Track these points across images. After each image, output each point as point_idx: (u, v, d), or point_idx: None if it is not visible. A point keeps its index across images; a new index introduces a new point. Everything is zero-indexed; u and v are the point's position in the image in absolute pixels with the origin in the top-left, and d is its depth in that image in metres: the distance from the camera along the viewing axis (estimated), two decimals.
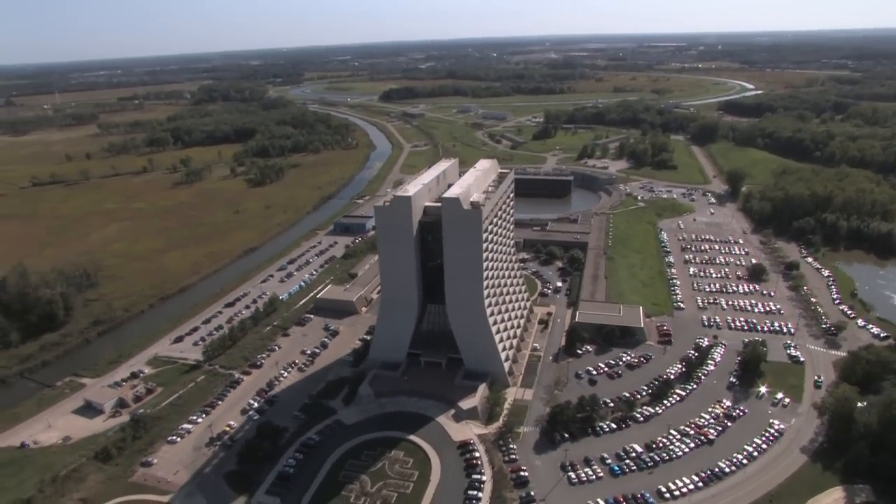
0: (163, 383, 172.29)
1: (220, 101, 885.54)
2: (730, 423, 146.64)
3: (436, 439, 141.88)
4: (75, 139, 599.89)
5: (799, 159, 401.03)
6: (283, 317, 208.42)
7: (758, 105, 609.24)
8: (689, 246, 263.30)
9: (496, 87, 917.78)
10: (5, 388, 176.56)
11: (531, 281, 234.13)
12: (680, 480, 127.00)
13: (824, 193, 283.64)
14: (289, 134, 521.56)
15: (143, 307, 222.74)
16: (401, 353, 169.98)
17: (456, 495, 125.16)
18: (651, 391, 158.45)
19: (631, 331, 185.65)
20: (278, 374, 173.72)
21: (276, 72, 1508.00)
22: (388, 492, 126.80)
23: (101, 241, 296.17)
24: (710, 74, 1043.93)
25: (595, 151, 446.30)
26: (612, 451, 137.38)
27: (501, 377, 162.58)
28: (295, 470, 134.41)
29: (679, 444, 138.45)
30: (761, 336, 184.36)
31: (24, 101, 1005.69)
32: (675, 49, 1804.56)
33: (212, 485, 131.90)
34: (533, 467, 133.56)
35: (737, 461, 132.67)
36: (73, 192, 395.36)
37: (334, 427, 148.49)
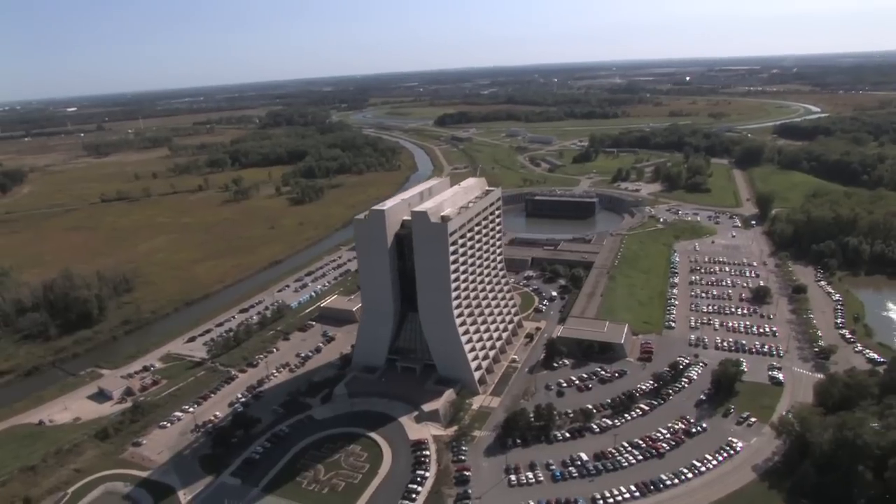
0: (168, 376, 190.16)
1: (284, 126, 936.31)
2: (687, 438, 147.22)
3: (393, 437, 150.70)
4: (148, 160, 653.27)
5: (845, 183, 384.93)
6: (288, 323, 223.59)
7: (814, 128, 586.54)
8: (699, 267, 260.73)
9: (550, 112, 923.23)
10: (38, 374, 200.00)
11: (529, 297, 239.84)
12: (617, 489, 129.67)
13: (849, 216, 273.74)
14: (336, 156, 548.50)
15: (169, 310, 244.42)
16: (380, 359, 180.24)
17: (398, 488, 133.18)
18: (614, 405, 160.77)
19: (611, 347, 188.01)
20: (270, 373, 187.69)
21: (343, 97, 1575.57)
22: (337, 480, 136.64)
23: (147, 251, 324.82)
24: (777, 98, 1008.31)
25: (630, 174, 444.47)
26: (559, 458, 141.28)
27: (470, 384, 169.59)
28: (261, 456, 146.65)
29: (627, 456, 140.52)
30: (748, 357, 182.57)
31: (112, 126, 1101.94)
32: (746, 73, 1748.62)
33: (186, 465, 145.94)
34: (478, 468, 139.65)
35: (681, 474, 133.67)
36: (134, 208, 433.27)
37: (305, 421, 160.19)
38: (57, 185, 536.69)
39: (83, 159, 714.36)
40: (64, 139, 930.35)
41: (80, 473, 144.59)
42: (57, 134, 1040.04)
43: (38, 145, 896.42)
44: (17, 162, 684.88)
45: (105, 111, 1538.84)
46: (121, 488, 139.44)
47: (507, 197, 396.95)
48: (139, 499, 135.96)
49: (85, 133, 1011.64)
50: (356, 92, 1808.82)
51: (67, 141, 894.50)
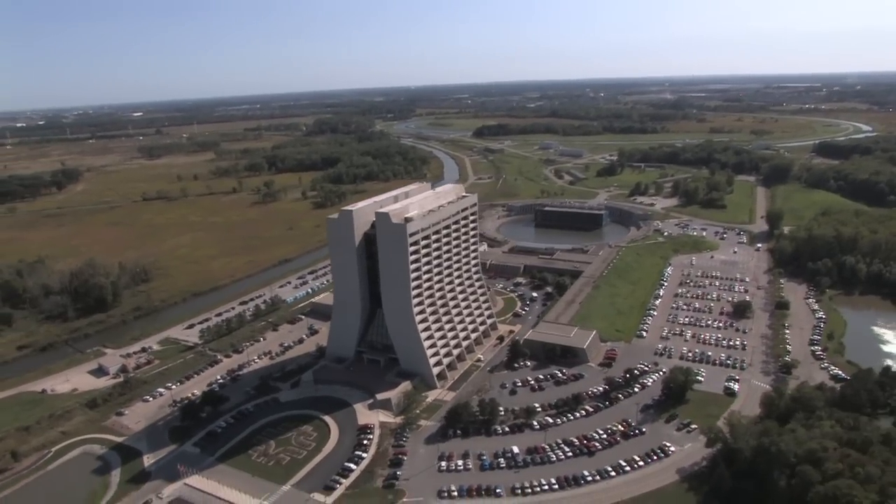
0: (161, 357, 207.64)
1: (329, 133, 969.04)
2: (622, 440, 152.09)
3: (343, 421, 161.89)
4: (194, 163, 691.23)
5: (870, 203, 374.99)
6: (280, 315, 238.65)
7: (854, 147, 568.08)
8: (689, 281, 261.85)
9: (588, 126, 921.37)
10: (52, 350, 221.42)
11: (513, 301, 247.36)
12: (538, 481, 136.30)
13: (850, 236, 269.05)
14: (366, 164, 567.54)
15: (177, 300, 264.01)
16: (349, 351, 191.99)
17: (335, 465, 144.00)
18: (559, 405, 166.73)
19: (573, 351, 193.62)
20: (251, 359, 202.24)
21: (391, 107, 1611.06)
22: (284, 455, 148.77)
23: (173, 246, 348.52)
24: (829, 116, 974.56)
25: (648, 189, 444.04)
26: (493, 450, 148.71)
27: (428, 378, 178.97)
28: (223, 430, 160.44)
29: (558, 452, 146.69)
30: (710, 368, 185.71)
31: (169, 131, 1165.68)
32: (805, 90, 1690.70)
33: (157, 434, 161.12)
34: (415, 454, 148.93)
35: (605, 472, 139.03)
36: (170, 207, 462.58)
37: (270, 403, 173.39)
38: (108, 184, 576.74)
39: (137, 161, 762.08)
40: (124, 142, 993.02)
41: (65, 435, 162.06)
42: (118, 137, 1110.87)
43: (100, 147, 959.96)
44: (77, 162, 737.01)
45: (166, 116, 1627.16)
46: (96, 450, 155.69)
47: (520, 207, 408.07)
48: (110, 460, 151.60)
49: (144, 136, 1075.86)
50: (405, 102, 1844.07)
51: (126, 143, 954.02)
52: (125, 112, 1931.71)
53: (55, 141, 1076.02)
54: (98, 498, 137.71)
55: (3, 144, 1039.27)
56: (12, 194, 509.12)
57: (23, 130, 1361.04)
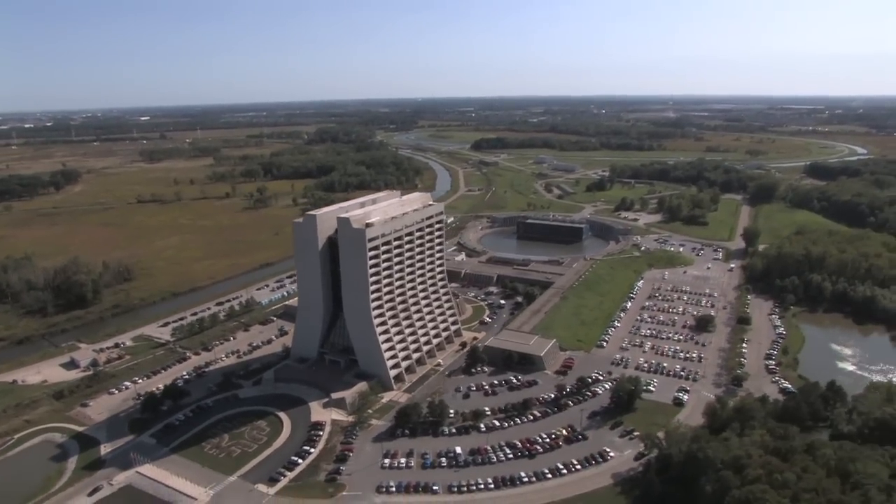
0: (132, 353, 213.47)
1: (329, 142, 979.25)
2: (564, 444, 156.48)
3: (297, 418, 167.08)
4: (193, 168, 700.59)
5: (851, 223, 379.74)
6: (252, 316, 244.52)
7: (843, 168, 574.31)
8: (657, 294, 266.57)
9: (585, 142, 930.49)
10: (29, 343, 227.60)
11: (482, 310, 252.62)
12: (475, 480, 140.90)
13: (819, 254, 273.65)
14: (359, 173, 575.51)
15: (156, 299, 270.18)
16: (312, 351, 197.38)
17: (282, 459, 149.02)
18: (507, 409, 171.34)
19: (531, 358, 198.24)
20: (218, 357, 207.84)
21: (394, 119, 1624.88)
22: (235, 448, 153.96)
23: (160, 247, 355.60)
24: (827, 138, 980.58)
25: (634, 205, 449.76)
26: (437, 449, 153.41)
27: (385, 380, 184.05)
28: (180, 423, 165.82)
29: (500, 454, 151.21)
30: (663, 378, 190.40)
31: (173, 136, 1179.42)
32: (808, 111, 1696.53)
33: (117, 425, 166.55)
34: (362, 451, 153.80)
35: (542, 474, 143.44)
36: (163, 209, 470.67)
37: (230, 398, 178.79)
38: (105, 186, 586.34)
39: (137, 164, 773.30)
40: (127, 145, 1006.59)
41: (29, 424, 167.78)
42: (122, 140, 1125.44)
43: (103, 149, 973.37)
44: (79, 163, 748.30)
45: (172, 121, 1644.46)
46: (57, 438, 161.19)
47: (503, 219, 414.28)
48: (69, 448, 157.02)
49: (147, 140, 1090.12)
50: (410, 114, 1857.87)
51: (129, 147, 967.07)
52: (133, 116, 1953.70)
53: (60, 142, 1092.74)
54: (52, 483, 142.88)
55: (8, 144, 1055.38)
56: (10, 193, 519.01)
57: (30, 131, 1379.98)
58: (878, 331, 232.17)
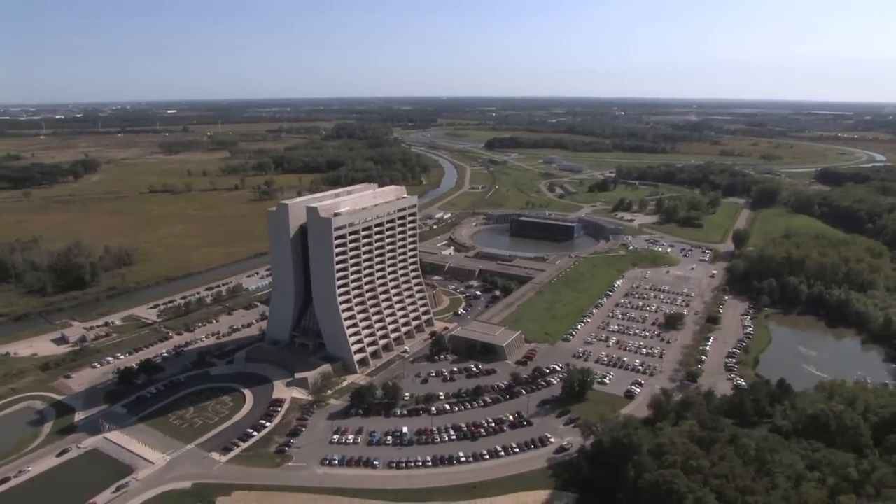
0: (119, 331, 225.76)
1: (346, 138, 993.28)
2: (509, 429, 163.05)
3: (260, 394, 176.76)
4: (209, 160, 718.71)
5: (849, 229, 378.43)
6: (237, 301, 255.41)
7: (853, 175, 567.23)
8: (635, 292, 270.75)
9: (598, 143, 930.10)
10: (27, 320, 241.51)
11: (458, 301, 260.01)
12: (415, 457, 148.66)
13: (799, 257, 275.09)
14: (367, 168, 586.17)
15: (151, 283, 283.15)
16: (284, 334, 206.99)
17: (239, 431, 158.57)
18: (460, 395, 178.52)
19: (493, 348, 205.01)
20: (199, 338, 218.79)
21: (414, 116, 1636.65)
22: (197, 419, 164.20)
23: (163, 235, 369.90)
24: (848, 144, 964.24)
25: (632, 205, 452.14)
26: (386, 429, 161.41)
27: (349, 363, 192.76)
28: (152, 396, 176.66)
29: (444, 435, 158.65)
30: (620, 372, 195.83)
31: (196, 129, 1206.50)
32: (834, 117, 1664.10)
33: (94, 395, 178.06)
34: (315, 427, 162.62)
35: (480, 455, 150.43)
36: (173, 200, 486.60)
37: (201, 375, 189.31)
38: (122, 176, 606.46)
39: (156, 155, 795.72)
40: (150, 137, 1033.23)
41: (13, 391, 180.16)
42: (146, 132, 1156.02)
43: (126, 140, 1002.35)
44: (102, 154, 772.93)
45: (197, 115, 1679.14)
46: (37, 406, 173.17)
47: (498, 216, 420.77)
48: (46, 414, 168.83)
49: (169, 133, 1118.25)
50: (431, 112, 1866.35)
51: (151, 139, 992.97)
52: (160, 109, 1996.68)
53: (86, 133, 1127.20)
54: (26, 444, 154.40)
55: (37, 134, 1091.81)
56: (31, 180, 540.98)
57: (60, 122, 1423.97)
58: (850, 334, 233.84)
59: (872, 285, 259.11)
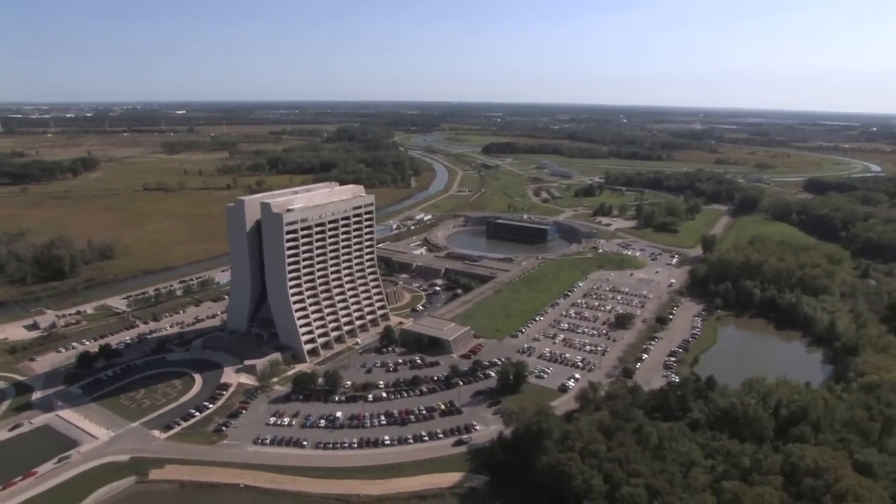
0: (89, 319, 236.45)
1: (346, 141, 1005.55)
2: (438, 416, 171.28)
3: (209, 379, 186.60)
4: (207, 160, 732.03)
5: (823, 237, 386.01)
6: (206, 294, 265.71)
7: (840, 184, 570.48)
8: (594, 293, 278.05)
9: (595, 150, 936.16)
10: (4, 308, 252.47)
11: (419, 298, 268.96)
12: (341, 439, 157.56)
13: (757, 262, 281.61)
14: (357, 170, 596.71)
15: (128, 276, 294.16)
16: (242, 325, 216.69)
17: (183, 411, 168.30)
18: (397, 384, 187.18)
19: (440, 342, 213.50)
20: (163, 327, 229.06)
21: (418, 121, 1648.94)
22: (146, 400, 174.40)
23: (149, 231, 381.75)
24: (847, 154, 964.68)
25: (612, 210, 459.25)
26: (322, 413, 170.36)
27: (299, 353, 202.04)
28: (108, 378, 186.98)
29: (375, 420, 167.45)
30: (560, 367, 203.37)
31: (201, 129, 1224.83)
32: (840, 128, 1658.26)
33: (54, 377, 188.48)
34: (256, 409, 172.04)
35: (405, 439, 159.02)
36: (164, 197, 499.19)
37: (158, 360, 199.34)
38: (119, 174, 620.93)
39: (157, 155, 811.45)
40: (155, 137, 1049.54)
41: None
42: (151, 132, 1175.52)
43: (130, 140, 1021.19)
44: (104, 152, 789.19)
45: (205, 116, 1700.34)
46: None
47: (476, 219, 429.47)
48: (7, 393, 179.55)
49: (174, 133, 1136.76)
50: (437, 117, 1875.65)
51: (156, 139, 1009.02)
52: (170, 110, 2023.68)
53: (93, 132, 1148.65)
54: None
55: (45, 132, 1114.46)
56: (30, 177, 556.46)
57: (69, 121, 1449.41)
58: (796, 337, 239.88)
59: (826, 290, 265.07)
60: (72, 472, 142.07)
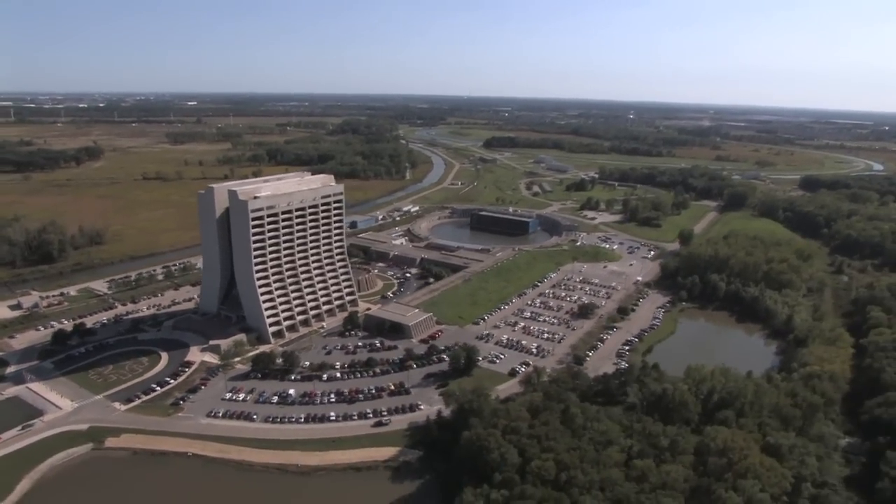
0: (71, 301, 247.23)
1: (350, 133, 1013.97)
2: (386, 395, 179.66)
3: (174, 357, 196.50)
4: (210, 151, 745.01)
5: (806, 234, 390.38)
6: (186, 278, 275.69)
7: (833, 182, 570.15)
8: (563, 284, 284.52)
9: (596, 145, 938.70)
10: None
11: (391, 285, 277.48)
12: (290, 414, 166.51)
13: (725, 255, 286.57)
14: (354, 162, 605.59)
15: (114, 260, 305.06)
16: (213, 307, 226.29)
17: (145, 386, 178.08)
18: (353, 365, 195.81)
19: (400, 327, 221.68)
20: (140, 308, 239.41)
21: (425, 114, 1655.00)
22: (113, 376, 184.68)
23: (142, 218, 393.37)
24: (851, 153, 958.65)
25: (599, 204, 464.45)
26: (277, 390, 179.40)
27: (264, 335, 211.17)
28: (80, 355, 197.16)
29: (325, 398, 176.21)
30: (514, 353, 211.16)
31: (208, 120, 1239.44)
32: (851, 126, 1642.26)
33: (29, 353, 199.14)
34: (215, 386, 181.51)
35: (349, 416, 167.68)
36: (162, 187, 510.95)
37: (129, 339, 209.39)
38: (122, 163, 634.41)
39: (161, 145, 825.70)
40: (163, 127, 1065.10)
41: None
42: (159, 122, 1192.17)
43: (138, 130, 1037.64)
44: (110, 142, 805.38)
45: (214, 107, 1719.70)
46: None
47: (462, 211, 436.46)
48: None
49: (182, 124, 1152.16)
50: (446, 111, 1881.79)
51: (163, 129, 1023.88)
52: (182, 101, 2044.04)
53: (103, 122, 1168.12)
54: None
55: (55, 122, 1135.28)
56: (34, 165, 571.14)
57: (80, 111, 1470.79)
58: (756, 329, 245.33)
59: (790, 285, 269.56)
60: (33, 438, 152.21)
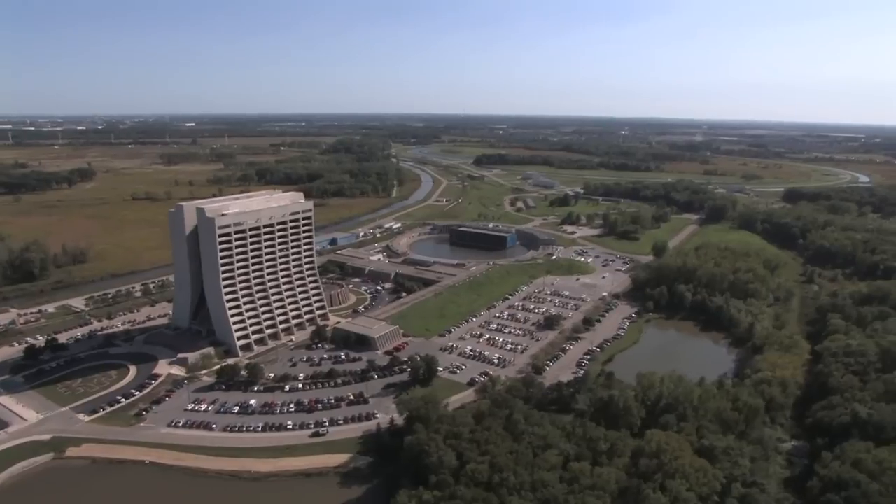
0: (49, 318, 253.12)
1: (343, 152, 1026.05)
2: (344, 405, 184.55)
3: (143, 370, 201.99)
4: (201, 171, 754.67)
5: (782, 245, 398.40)
6: (162, 295, 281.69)
7: (815, 194, 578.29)
8: (534, 297, 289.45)
9: (585, 161, 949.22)
10: None
11: (363, 299, 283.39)
12: (249, 424, 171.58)
13: (693, 266, 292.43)
14: (341, 181, 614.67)
15: (95, 278, 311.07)
16: (184, 321, 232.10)
17: (111, 398, 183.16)
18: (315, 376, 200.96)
19: (366, 339, 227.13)
20: (115, 324, 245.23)
21: (419, 133, 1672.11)
22: (80, 389, 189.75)
23: (127, 237, 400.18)
24: (840, 165, 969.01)
25: (580, 219, 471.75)
26: (239, 401, 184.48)
27: (232, 348, 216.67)
28: (51, 369, 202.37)
29: (285, 408, 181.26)
30: (476, 363, 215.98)
31: (204, 141, 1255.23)
32: (842, 139, 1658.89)
33: (1, 368, 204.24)
34: (179, 397, 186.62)
35: (306, 425, 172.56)
36: (150, 206, 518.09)
37: (100, 353, 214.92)
38: (114, 184, 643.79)
39: (154, 166, 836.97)
40: (158, 148, 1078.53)
41: None
42: (155, 144, 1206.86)
43: (133, 152, 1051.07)
44: (104, 163, 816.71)
45: (211, 128, 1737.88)
46: None
47: (442, 227, 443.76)
48: None
49: (178, 145, 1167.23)
50: (441, 129, 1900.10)
51: (159, 150, 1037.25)
52: (180, 122, 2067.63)
53: (99, 144, 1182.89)
54: None
55: (52, 144, 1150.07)
56: (25, 186, 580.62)
57: (78, 133, 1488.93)
58: (720, 338, 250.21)
59: (756, 294, 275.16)
60: None
